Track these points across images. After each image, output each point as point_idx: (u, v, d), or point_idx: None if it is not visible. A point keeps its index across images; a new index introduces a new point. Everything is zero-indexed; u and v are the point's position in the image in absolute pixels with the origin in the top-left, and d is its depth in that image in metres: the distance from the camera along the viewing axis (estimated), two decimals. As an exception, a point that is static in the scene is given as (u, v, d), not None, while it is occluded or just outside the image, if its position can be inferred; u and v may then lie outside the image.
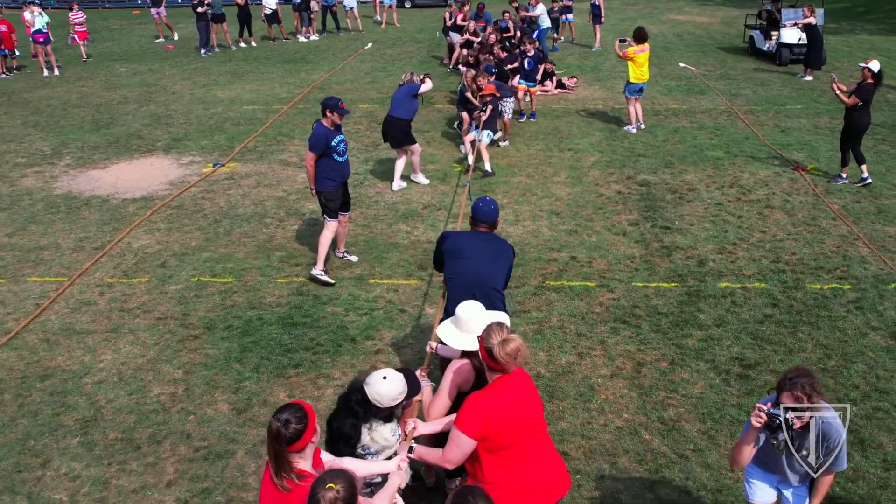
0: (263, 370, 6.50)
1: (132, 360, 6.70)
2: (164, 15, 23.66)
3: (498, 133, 12.02)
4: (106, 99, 16.19)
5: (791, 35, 17.95)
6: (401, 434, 4.05)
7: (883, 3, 29.03)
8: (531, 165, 11.46)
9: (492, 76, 11.57)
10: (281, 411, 3.40)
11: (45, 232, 9.40)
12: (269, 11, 22.48)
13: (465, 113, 11.84)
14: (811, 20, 16.73)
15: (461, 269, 4.99)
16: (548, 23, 19.06)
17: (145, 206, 10.11)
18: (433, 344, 5.05)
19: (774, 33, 18.70)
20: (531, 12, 18.72)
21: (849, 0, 29.75)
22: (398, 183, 10.54)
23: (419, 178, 10.84)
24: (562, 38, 21.61)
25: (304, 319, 7.27)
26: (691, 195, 10.19)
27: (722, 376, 6.35)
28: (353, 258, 8.44)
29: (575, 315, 7.30)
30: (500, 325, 3.76)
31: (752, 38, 20.04)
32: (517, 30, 16.96)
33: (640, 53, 12.43)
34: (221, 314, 7.41)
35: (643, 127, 13.10)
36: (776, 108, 14.51)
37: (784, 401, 3.66)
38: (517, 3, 18.79)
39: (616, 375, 6.39)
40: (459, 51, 17.48)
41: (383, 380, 3.91)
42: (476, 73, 11.87)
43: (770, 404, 3.70)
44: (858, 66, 10.49)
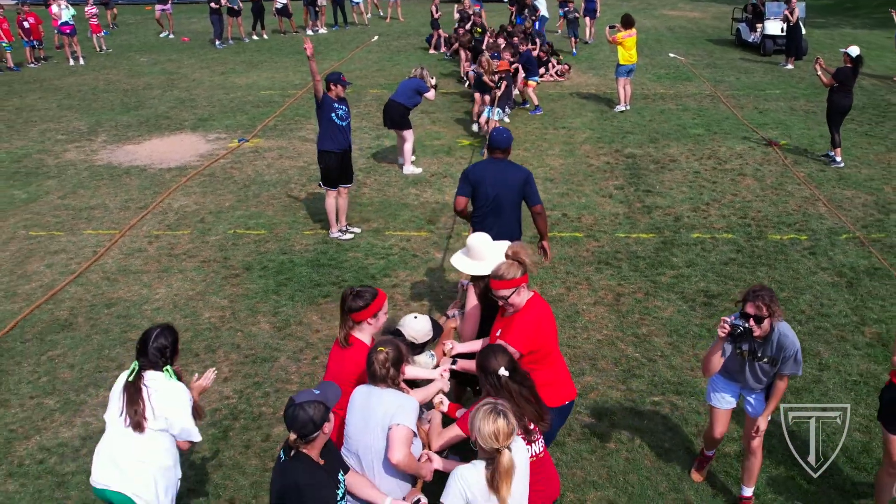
0: (297, 299, 7.60)
1: (183, 293, 7.80)
2: (170, 11, 24.49)
3: (507, 110, 13.13)
4: (131, 85, 17.31)
5: (774, 27, 19.08)
6: (434, 356, 4.79)
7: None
8: (528, 141, 12.55)
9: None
10: (358, 289, 4.35)
11: (92, 195, 10.50)
12: (279, 6, 23.60)
13: (479, 94, 12.89)
14: (795, 13, 17.75)
15: (482, 193, 6.03)
16: (545, 11, 19.98)
17: (180, 174, 11.22)
18: (464, 282, 5.66)
19: (759, 26, 19.82)
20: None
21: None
22: (409, 168, 11.22)
23: (406, 168, 11.17)
24: (584, 38, 21.74)
25: (330, 262, 8.38)
26: (672, 165, 11.30)
27: (689, 304, 7.46)
28: (356, 230, 9.15)
29: (564, 258, 8.40)
30: (521, 244, 4.73)
31: (738, 30, 21.17)
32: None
33: (627, 38, 13.66)
34: (257, 258, 8.51)
35: (628, 108, 14.23)
36: (756, 93, 15.62)
37: (747, 310, 4.26)
38: None
39: (598, 303, 7.50)
40: (455, 42, 18.85)
41: (415, 319, 4.73)
42: (489, 56, 12.80)
43: (733, 317, 4.37)
44: (840, 52, 11.46)
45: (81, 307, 7.56)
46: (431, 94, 11.36)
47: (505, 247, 4.84)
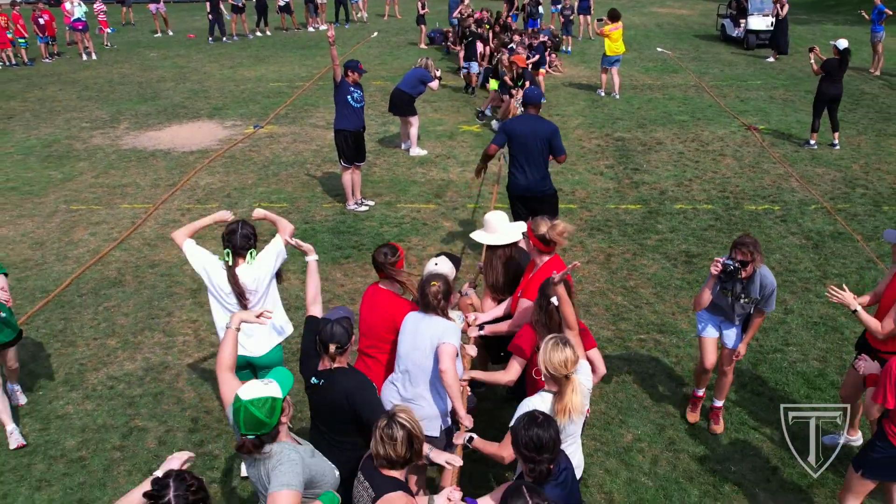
0: (322, 260, 8.44)
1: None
2: (163, 10, 25.21)
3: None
4: (145, 78, 18.14)
5: (758, 22, 20.06)
6: (464, 318, 5.31)
7: (851, -2, 31.16)
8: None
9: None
10: (386, 247, 5.04)
11: (123, 175, 11.35)
12: (282, 3, 24.48)
13: (505, 96, 13.11)
14: (785, 8, 18.64)
15: (516, 140, 7.28)
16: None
17: (203, 156, 12.07)
18: (480, 264, 6.16)
19: (743, 21, 20.80)
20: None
21: (819, -5, 31.90)
22: (416, 150, 12.17)
23: (413, 150, 11.96)
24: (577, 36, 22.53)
25: (349, 229, 9.26)
26: (658, 147, 12.23)
27: (672, 262, 8.37)
28: (371, 202, 10.02)
29: (560, 226, 9.30)
30: (543, 217, 4.95)
31: (723, 25, 22.15)
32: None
33: (614, 31, 14.72)
34: (282, 227, 9.37)
35: (618, 97, 15.19)
36: (738, 84, 16.59)
37: (735, 255, 4.97)
38: None
39: (591, 262, 8.41)
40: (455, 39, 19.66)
41: (436, 265, 5.15)
42: (509, 55, 13.40)
43: (724, 258, 5.15)
44: (829, 44, 12.39)
45: (128, 268, 8.42)
46: (435, 85, 12.20)
47: (519, 226, 5.43)
